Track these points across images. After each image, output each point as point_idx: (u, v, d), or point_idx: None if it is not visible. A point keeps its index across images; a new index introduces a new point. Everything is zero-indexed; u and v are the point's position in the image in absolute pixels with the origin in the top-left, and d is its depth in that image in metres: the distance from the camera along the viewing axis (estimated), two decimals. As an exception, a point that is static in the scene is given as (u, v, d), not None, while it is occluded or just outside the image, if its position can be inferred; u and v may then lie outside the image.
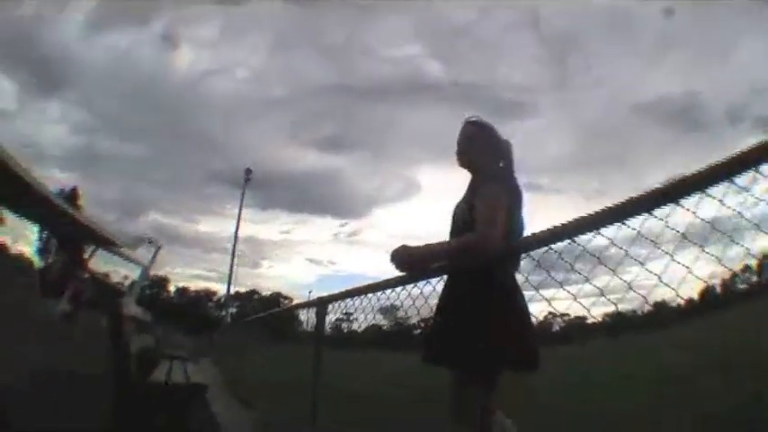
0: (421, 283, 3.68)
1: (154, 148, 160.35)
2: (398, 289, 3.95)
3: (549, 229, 2.72)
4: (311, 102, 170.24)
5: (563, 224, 2.64)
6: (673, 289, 2.37)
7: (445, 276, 3.51)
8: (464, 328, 3.10)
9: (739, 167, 2.04)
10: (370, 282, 4.68)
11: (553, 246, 2.75)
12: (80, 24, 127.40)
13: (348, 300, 5.27)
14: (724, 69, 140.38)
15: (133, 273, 38.81)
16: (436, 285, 3.59)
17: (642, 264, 2.44)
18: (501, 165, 3.67)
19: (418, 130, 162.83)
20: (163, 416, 5.48)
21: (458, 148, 3.81)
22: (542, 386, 7.64)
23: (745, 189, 2.09)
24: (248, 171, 43.14)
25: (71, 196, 62.79)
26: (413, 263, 3.53)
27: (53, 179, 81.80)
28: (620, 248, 2.51)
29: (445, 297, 3.48)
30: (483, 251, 3.05)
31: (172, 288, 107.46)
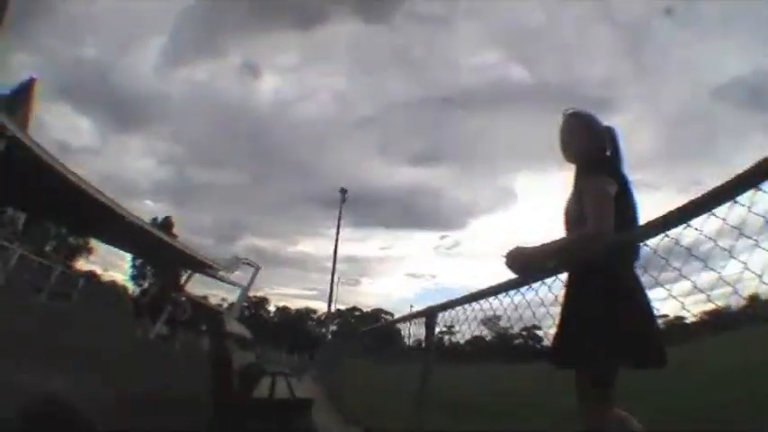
0: (534, 286, 3.49)
1: (246, 175, 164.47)
2: (512, 292, 3.77)
3: (661, 217, 2.58)
4: (398, 118, 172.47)
5: (672, 211, 2.52)
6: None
7: (564, 278, 3.35)
8: (589, 329, 2.97)
9: None
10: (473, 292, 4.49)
11: (668, 233, 2.61)
12: (163, 59, 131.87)
13: (452, 310, 5.11)
14: None
15: (232, 295, 39.75)
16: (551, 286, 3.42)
17: (733, 257, 2.34)
18: (608, 153, 3.56)
19: (507, 137, 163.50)
20: (269, 429, 5.38)
21: (561, 142, 3.72)
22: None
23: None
24: (343, 191, 43.71)
25: (165, 225, 64.53)
26: (528, 263, 3.39)
27: (146, 209, 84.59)
28: (714, 241, 2.42)
29: (569, 295, 3.31)
30: (598, 244, 2.92)
31: (272, 308, 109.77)
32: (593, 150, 3.51)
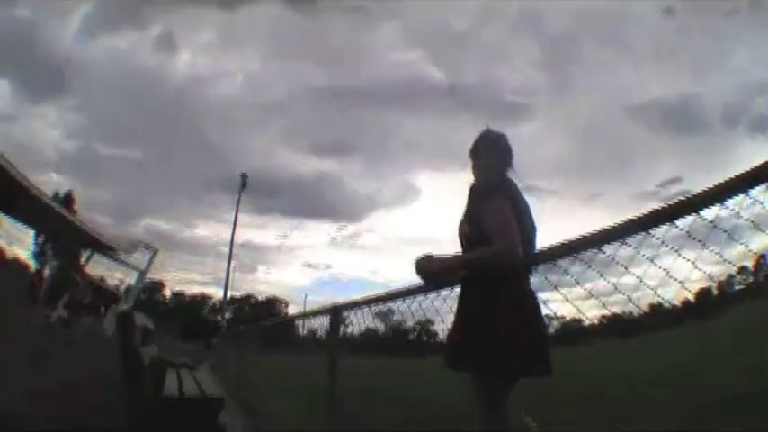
0: (443, 294, 3.67)
1: (151, 153, 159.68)
2: (419, 297, 3.92)
3: (571, 241, 2.79)
4: (309, 106, 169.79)
5: (587, 235, 2.69)
6: (655, 291, 2.51)
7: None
8: (479, 335, 3.16)
9: (738, 188, 2.11)
10: (368, 285, 4.68)
11: (577, 254, 2.79)
12: (78, 27, 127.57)
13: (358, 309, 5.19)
14: (719, 72, 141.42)
15: (129, 277, 38.90)
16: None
17: (626, 268, 2.59)
18: (509, 174, 3.68)
19: (417, 135, 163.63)
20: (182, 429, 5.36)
21: (471, 157, 3.84)
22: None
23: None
24: (244, 176, 43.29)
25: (66, 200, 62.57)
26: (438, 273, 3.52)
27: (49, 183, 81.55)
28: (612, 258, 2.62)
29: (461, 303, 3.49)
30: (509, 261, 3.09)
31: (168, 293, 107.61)
32: (495, 172, 3.64)
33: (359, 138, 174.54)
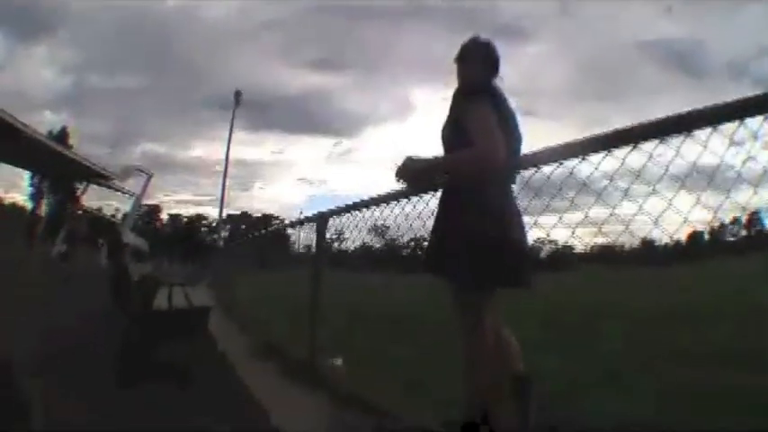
0: (425, 198, 3.75)
1: (144, 79, 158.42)
2: (399, 203, 4.08)
3: (555, 147, 2.83)
4: (303, 22, 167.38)
5: (569, 143, 2.74)
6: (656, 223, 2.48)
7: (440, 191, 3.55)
8: (458, 242, 3.14)
9: (731, 114, 2.11)
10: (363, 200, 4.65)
11: (564, 162, 2.83)
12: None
13: (343, 217, 5.37)
14: (733, 23, 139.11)
15: (125, 205, 38.85)
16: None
17: (627, 196, 2.58)
18: (494, 81, 3.61)
19: (414, 52, 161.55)
20: (170, 339, 5.47)
21: (456, 64, 3.78)
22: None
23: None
24: (238, 93, 42.48)
25: (60, 136, 62.25)
26: (418, 175, 3.56)
27: (44, 122, 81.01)
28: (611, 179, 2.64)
29: (442, 209, 3.49)
30: (491, 161, 3.03)
31: (164, 216, 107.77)
32: (480, 77, 3.58)
33: (355, 53, 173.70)
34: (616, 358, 6.19)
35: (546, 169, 2.98)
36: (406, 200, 3.97)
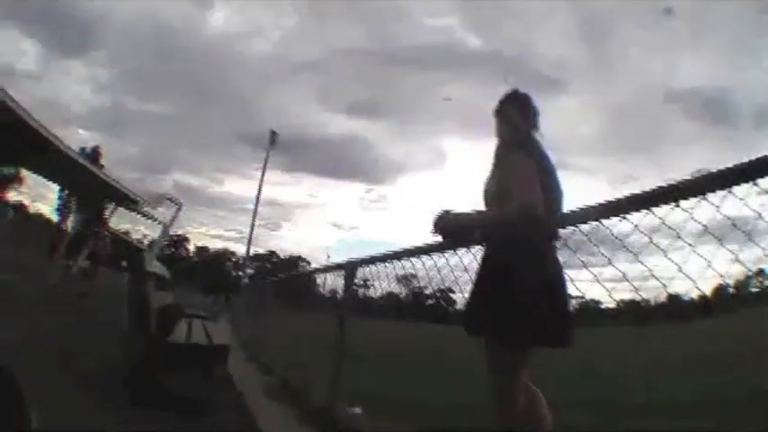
0: (459, 252, 3.57)
1: (181, 108, 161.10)
2: (434, 255, 3.88)
3: (600, 205, 2.64)
4: (343, 66, 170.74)
5: (616, 200, 2.57)
6: (692, 280, 2.35)
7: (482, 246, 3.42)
8: (497, 300, 3.03)
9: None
10: (392, 248, 4.52)
11: (603, 221, 2.67)
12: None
13: (373, 266, 5.17)
14: (759, 70, 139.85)
15: (153, 231, 39.09)
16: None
17: (664, 252, 2.46)
18: (535, 134, 3.57)
19: (449, 101, 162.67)
20: (182, 374, 5.35)
21: (495, 117, 3.75)
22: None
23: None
24: (273, 133, 43.09)
25: (93, 155, 62.96)
26: (456, 230, 3.44)
27: (77, 138, 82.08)
28: (645, 235, 2.48)
29: (483, 267, 3.34)
30: (528, 215, 2.94)
31: (191, 247, 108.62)
32: (521, 131, 3.51)
33: (391, 101, 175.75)
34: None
35: (584, 227, 2.81)
36: (438, 253, 3.82)
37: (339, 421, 5.08)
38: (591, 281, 2.86)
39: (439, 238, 3.59)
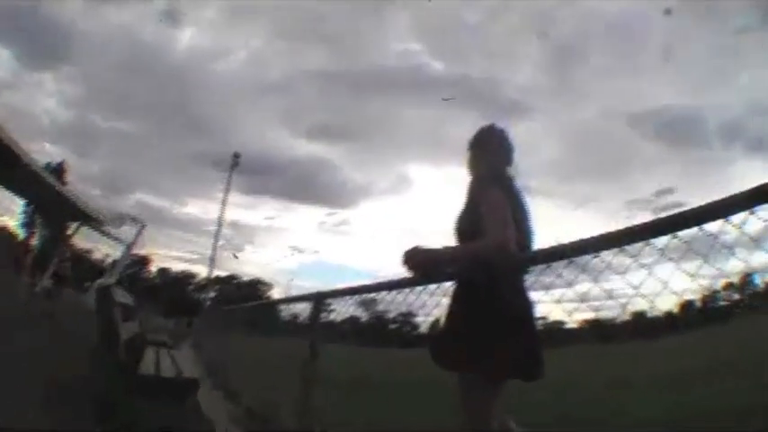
0: (431, 288, 3.53)
1: (146, 127, 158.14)
2: (406, 290, 3.81)
3: (574, 242, 2.66)
4: (308, 89, 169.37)
5: (585, 239, 2.61)
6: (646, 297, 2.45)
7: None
8: (470, 334, 3.07)
9: (735, 207, 2.06)
10: (354, 273, 4.64)
11: (575, 259, 2.71)
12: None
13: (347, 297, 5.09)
14: (722, 88, 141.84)
15: (115, 251, 38.72)
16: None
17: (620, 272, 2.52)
18: (508, 171, 3.62)
19: (413, 127, 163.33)
20: (156, 409, 5.30)
21: (470, 151, 3.77)
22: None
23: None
24: (236, 155, 43.30)
25: (58, 171, 62.20)
26: (427, 265, 3.42)
27: (42, 152, 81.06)
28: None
29: (454, 301, 3.38)
30: (501, 254, 2.97)
31: (153, 268, 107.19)
32: (496, 166, 3.55)
33: (355, 125, 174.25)
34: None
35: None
36: (409, 289, 3.78)
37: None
38: (554, 302, 2.88)
39: (408, 273, 3.55)
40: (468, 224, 3.31)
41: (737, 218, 2.07)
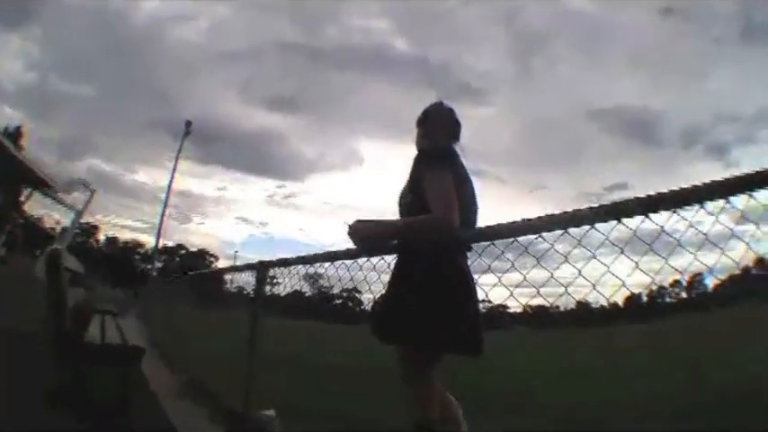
0: (373, 260, 3.55)
1: (104, 92, 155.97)
2: (348, 262, 3.85)
3: (520, 221, 2.69)
4: (268, 59, 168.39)
5: (534, 218, 2.63)
6: (593, 284, 2.43)
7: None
8: (411, 308, 3.06)
9: (689, 199, 2.10)
10: (301, 246, 4.58)
11: (519, 240, 2.73)
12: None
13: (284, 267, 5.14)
14: (690, 93, 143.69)
15: (65, 218, 38.04)
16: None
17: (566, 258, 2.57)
18: (457, 147, 3.62)
19: (370, 104, 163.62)
20: (101, 377, 5.21)
21: (418, 127, 3.79)
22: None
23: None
24: (188, 123, 42.06)
25: (15, 135, 60.91)
26: (370, 238, 3.42)
27: (3, 115, 79.55)
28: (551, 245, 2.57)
29: (396, 274, 3.40)
30: (445, 230, 2.97)
31: (101, 237, 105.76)
32: (443, 142, 3.55)
33: (312, 98, 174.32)
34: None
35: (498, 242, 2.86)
36: (352, 260, 3.79)
37: (252, 423, 5.04)
38: (496, 285, 2.91)
39: (352, 245, 3.56)
40: (412, 198, 3.32)
41: (689, 214, 2.12)
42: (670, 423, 6.54)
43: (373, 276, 3.55)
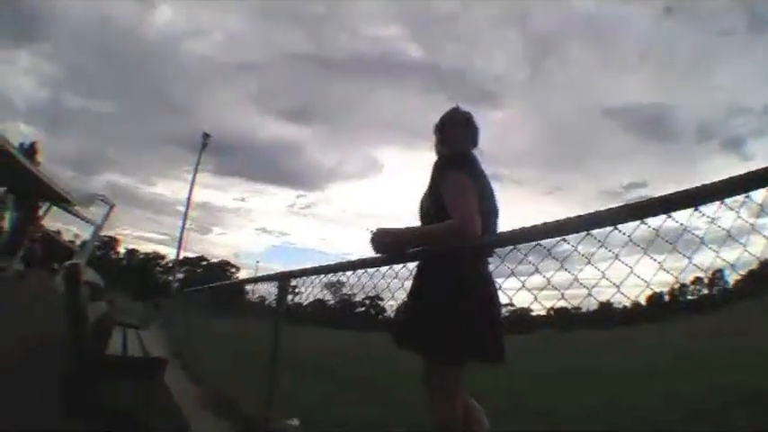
0: (396, 268, 3.51)
1: (119, 107, 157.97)
2: (371, 270, 3.81)
3: (542, 224, 2.65)
4: (282, 71, 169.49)
5: (557, 221, 2.59)
6: (616, 285, 2.42)
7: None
8: (434, 316, 3.02)
9: (708, 197, 2.07)
10: (321, 256, 4.56)
11: (542, 243, 2.71)
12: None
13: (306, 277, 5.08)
14: (702, 87, 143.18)
15: (84, 231, 38.21)
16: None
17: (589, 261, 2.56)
18: (475, 152, 3.57)
19: (387, 111, 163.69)
20: (122, 389, 5.20)
21: (436, 132, 3.76)
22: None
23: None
24: (206, 135, 42.26)
25: (30, 151, 61.10)
26: (392, 245, 3.38)
27: (17, 132, 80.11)
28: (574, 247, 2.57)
29: (418, 282, 3.35)
30: (465, 236, 2.92)
31: (121, 249, 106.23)
32: (461, 148, 3.51)
33: (328, 107, 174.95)
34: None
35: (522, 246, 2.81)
36: (375, 269, 3.76)
37: None
38: (521, 289, 2.82)
39: (372, 253, 3.52)
40: (432, 205, 3.27)
41: (710, 210, 2.07)
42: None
43: (396, 284, 3.52)
